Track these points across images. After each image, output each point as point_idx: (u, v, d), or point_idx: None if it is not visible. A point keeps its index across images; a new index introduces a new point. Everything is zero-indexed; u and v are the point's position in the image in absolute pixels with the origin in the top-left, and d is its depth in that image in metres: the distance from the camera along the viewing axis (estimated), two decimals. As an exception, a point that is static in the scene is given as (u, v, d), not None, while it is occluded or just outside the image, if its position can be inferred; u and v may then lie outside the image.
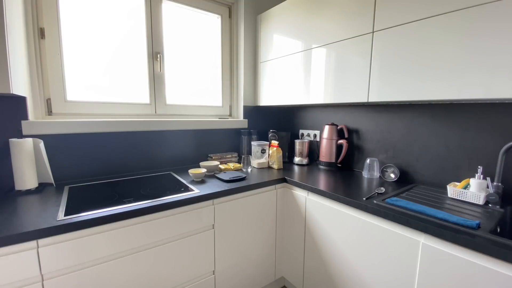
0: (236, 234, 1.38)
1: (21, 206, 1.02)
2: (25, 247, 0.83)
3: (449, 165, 1.30)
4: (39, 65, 1.32)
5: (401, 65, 1.17)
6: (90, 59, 1.47)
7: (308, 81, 1.63)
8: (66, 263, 0.91)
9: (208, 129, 1.87)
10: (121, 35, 1.55)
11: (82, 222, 0.91)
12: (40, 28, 1.31)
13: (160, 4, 1.65)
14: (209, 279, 1.31)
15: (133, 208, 1.02)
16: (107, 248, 0.98)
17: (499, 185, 1.09)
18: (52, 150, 1.31)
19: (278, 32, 1.83)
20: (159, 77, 1.70)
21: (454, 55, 1.01)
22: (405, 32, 1.14)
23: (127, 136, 1.54)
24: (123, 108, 1.59)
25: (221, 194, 1.27)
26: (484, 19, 0.93)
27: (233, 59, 2.06)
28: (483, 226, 0.87)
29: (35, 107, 1.32)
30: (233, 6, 1.98)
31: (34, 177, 1.21)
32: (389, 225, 1.03)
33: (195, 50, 1.87)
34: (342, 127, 1.72)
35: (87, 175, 1.44)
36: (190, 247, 1.21)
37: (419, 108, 1.39)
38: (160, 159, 1.69)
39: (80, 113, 1.46)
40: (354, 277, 1.19)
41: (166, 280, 1.16)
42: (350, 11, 1.35)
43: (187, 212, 1.18)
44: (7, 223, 0.87)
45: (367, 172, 1.55)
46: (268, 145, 1.83)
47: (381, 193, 1.22)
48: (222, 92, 2.04)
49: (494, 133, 1.16)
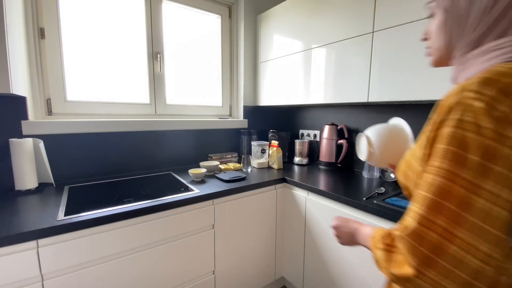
0: (236, 234, 1.39)
1: (21, 206, 1.02)
2: (25, 247, 0.83)
3: (449, 165, 1.30)
4: (39, 65, 1.32)
5: (401, 65, 1.17)
6: (90, 59, 1.47)
7: (308, 81, 1.63)
8: (66, 263, 0.91)
9: (208, 129, 1.87)
10: (121, 35, 1.55)
11: (82, 222, 0.91)
12: (40, 28, 1.31)
13: (160, 4, 1.65)
14: (209, 279, 1.31)
15: (133, 208, 1.02)
16: (107, 248, 0.98)
17: (499, 185, 1.09)
18: (52, 150, 1.31)
19: (278, 32, 1.83)
20: (159, 77, 1.70)
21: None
22: (405, 32, 1.14)
23: (127, 136, 1.54)
24: (123, 108, 1.59)
25: (221, 194, 1.27)
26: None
27: (233, 59, 2.06)
28: (483, 226, 0.87)
29: (35, 107, 1.32)
30: (233, 6, 1.98)
31: (34, 177, 1.21)
32: (389, 225, 1.03)
33: (195, 50, 1.87)
34: (342, 127, 1.72)
35: (87, 175, 1.44)
36: (190, 247, 1.21)
37: (419, 108, 1.39)
38: (160, 159, 1.69)
39: (80, 113, 1.46)
40: (354, 277, 1.19)
41: (166, 280, 1.16)
42: (350, 11, 1.35)
43: (187, 212, 1.18)
44: (7, 223, 0.87)
45: (367, 172, 1.55)
46: (268, 145, 1.83)
47: (381, 193, 1.22)
48: (222, 92, 2.04)
49: (494, 133, 1.16)
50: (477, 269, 0.34)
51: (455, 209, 0.36)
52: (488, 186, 0.35)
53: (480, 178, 0.35)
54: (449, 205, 0.36)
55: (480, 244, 0.34)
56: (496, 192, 0.34)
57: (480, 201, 0.35)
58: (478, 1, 0.42)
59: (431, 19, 0.51)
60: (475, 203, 0.35)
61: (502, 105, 0.35)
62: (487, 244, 0.34)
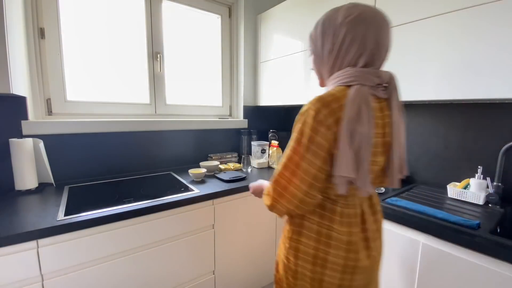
0: (236, 234, 1.38)
1: (21, 206, 1.02)
2: (25, 247, 0.83)
3: (449, 165, 1.30)
4: (39, 65, 1.32)
5: (401, 65, 1.17)
6: (90, 59, 1.47)
7: (308, 81, 1.63)
8: (66, 263, 0.91)
9: (208, 129, 1.87)
10: (121, 35, 1.55)
11: (82, 222, 0.91)
12: (40, 28, 1.30)
13: (160, 4, 1.65)
14: (209, 279, 1.31)
15: (133, 208, 1.02)
16: (107, 248, 0.98)
17: (499, 185, 1.09)
18: (52, 150, 1.31)
19: (278, 32, 1.83)
20: (159, 77, 1.70)
21: (453, 55, 1.01)
22: (405, 32, 1.14)
23: (127, 136, 1.54)
24: (123, 108, 1.59)
25: (221, 194, 1.27)
26: (484, 19, 0.93)
27: (233, 59, 2.06)
28: (483, 226, 0.87)
29: (35, 107, 1.32)
30: (233, 6, 1.98)
31: (34, 177, 1.21)
32: (389, 225, 1.03)
33: (195, 50, 1.87)
34: (342, 127, 1.72)
35: (87, 175, 1.44)
36: (190, 247, 1.21)
37: (419, 108, 1.39)
38: (160, 159, 1.69)
39: (80, 113, 1.46)
40: (354, 277, 1.18)
41: (166, 280, 1.16)
42: (350, 11, 1.34)
43: (187, 212, 1.18)
44: (7, 223, 0.87)
45: (367, 172, 1.55)
46: (268, 145, 1.83)
47: (381, 193, 1.22)
48: (222, 92, 2.04)
49: (494, 133, 1.16)
50: (300, 198, 0.63)
51: (293, 167, 0.63)
52: (308, 156, 0.61)
53: (305, 152, 0.62)
54: (291, 166, 0.64)
55: (303, 186, 0.62)
56: (312, 160, 0.61)
57: (304, 164, 0.62)
58: (326, 46, 0.69)
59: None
60: (302, 165, 0.62)
61: (322, 113, 0.60)
62: (306, 186, 0.62)
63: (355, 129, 0.59)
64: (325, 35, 0.69)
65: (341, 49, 0.66)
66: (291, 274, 0.72)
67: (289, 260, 0.72)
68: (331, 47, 0.67)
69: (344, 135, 0.59)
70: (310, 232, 0.69)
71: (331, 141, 0.60)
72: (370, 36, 0.63)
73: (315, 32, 0.73)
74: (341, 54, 0.66)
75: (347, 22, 0.64)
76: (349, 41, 0.64)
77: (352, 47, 0.65)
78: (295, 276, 0.71)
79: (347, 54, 0.65)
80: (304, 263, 0.69)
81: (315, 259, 0.68)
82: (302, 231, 0.70)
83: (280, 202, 0.66)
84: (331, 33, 0.67)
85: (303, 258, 0.69)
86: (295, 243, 0.71)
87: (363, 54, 0.64)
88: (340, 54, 0.66)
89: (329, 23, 0.68)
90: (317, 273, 0.68)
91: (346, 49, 0.65)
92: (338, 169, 0.60)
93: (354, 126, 0.59)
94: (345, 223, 0.67)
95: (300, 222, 0.71)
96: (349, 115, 0.59)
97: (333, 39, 0.67)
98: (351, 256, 0.66)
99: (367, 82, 0.63)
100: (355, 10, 0.65)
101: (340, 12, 0.66)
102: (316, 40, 0.72)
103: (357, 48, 0.64)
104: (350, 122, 0.59)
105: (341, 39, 0.65)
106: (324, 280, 0.67)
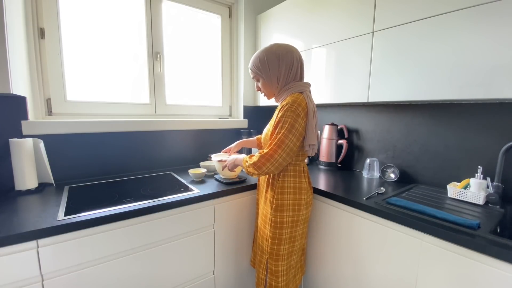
0: (236, 234, 1.38)
1: (21, 206, 1.02)
2: (25, 247, 0.83)
3: (449, 165, 1.30)
4: (39, 65, 1.32)
5: (401, 65, 1.17)
6: (90, 59, 1.47)
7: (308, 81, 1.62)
8: (66, 263, 0.91)
9: (208, 129, 1.87)
10: (121, 35, 1.55)
11: (82, 222, 0.91)
12: (40, 28, 1.31)
13: (160, 4, 1.65)
14: (209, 279, 1.31)
15: (133, 208, 1.02)
16: (107, 248, 0.98)
17: (499, 185, 1.09)
18: (52, 150, 1.31)
19: (278, 32, 1.83)
20: (159, 77, 1.70)
21: (453, 55, 1.01)
22: (405, 32, 1.14)
23: (127, 136, 1.54)
24: (123, 108, 1.59)
25: (221, 194, 1.27)
26: (484, 19, 0.93)
27: (233, 59, 2.06)
28: (483, 226, 0.87)
29: (35, 107, 1.32)
30: (233, 6, 1.98)
31: (34, 177, 1.21)
32: (390, 225, 1.03)
33: (195, 50, 1.87)
34: (342, 127, 1.72)
35: (87, 175, 1.44)
36: (190, 247, 1.21)
37: (419, 108, 1.39)
38: (160, 159, 1.69)
39: (80, 113, 1.46)
40: (354, 276, 1.19)
41: (166, 280, 1.16)
42: (350, 11, 1.35)
43: (187, 212, 1.18)
44: (7, 223, 0.87)
45: (367, 172, 1.55)
46: (268, 145, 1.84)
47: (381, 193, 1.22)
48: (222, 92, 2.04)
49: (494, 133, 1.16)
50: (281, 162, 1.00)
51: (280, 143, 0.99)
52: (290, 136, 0.99)
53: (288, 134, 0.99)
54: (279, 143, 0.99)
55: (286, 156, 1.00)
56: (294, 140, 1.00)
57: (288, 142, 0.99)
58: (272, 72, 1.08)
59: (257, 82, 1.15)
60: (287, 142, 0.99)
61: (298, 108, 1.00)
62: (288, 157, 1.01)
63: (313, 117, 1.05)
64: (270, 64, 1.06)
65: (288, 71, 1.08)
66: (279, 226, 1.09)
67: (277, 216, 1.09)
68: (278, 71, 1.07)
69: (311, 120, 1.03)
70: (289, 189, 1.09)
71: (303, 126, 1.02)
72: (297, 60, 1.08)
73: (260, 64, 1.08)
74: (288, 74, 1.08)
75: (283, 54, 1.05)
76: (290, 65, 1.07)
77: (293, 68, 1.08)
78: (282, 226, 1.09)
79: (290, 73, 1.08)
80: (290, 212, 1.09)
81: (294, 206, 1.09)
82: (284, 191, 1.09)
83: (266, 165, 1.01)
84: (275, 63, 1.06)
85: (287, 209, 1.09)
86: (280, 201, 1.09)
87: (300, 71, 1.11)
88: (287, 74, 1.08)
89: (271, 57, 1.06)
90: (295, 216, 1.10)
91: (289, 70, 1.08)
92: (309, 140, 1.04)
93: (313, 115, 1.04)
94: (304, 176, 1.13)
95: (281, 185, 1.10)
96: (311, 110, 1.04)
97: (279, 66, 1.06)
98: (310, 197, 1.17)
99: (308, 89, 1.10)
100: (281, 46, 1.07)
101: (273, 50, 1.06)
102: (263, 69, 1.08)
103: (296, 68, 1.09)
104: (312, 113, 1.04)
105: (286, 64, 1.06)
106: (299, 220, 1.12)
